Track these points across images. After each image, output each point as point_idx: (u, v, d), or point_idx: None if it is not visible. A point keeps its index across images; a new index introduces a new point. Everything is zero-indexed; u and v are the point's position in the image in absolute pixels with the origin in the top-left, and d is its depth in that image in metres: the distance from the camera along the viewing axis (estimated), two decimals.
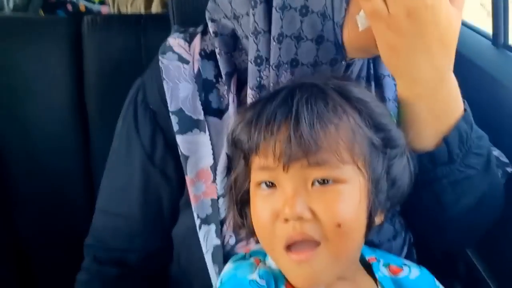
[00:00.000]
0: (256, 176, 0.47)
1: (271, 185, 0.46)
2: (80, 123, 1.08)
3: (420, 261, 0.60)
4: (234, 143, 0.49)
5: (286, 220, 0.43)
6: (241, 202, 0.51)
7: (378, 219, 0.49)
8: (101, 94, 1.08)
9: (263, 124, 0.44)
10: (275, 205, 0.44)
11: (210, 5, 0.60)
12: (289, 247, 0.44)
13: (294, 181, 0.44)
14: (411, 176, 0.50)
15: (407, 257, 0.61)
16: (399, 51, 0.47)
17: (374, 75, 0.60)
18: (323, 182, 0.44)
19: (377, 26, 0.46)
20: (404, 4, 0.44)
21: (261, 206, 0.46)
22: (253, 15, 0.52)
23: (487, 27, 0.92)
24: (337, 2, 0.49)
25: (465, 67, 0.61)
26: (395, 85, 0.59)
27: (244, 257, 0.53)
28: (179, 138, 0.57)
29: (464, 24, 0.94)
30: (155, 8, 1.43)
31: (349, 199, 0.44)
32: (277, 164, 0.44)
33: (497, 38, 0.86)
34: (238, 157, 0.49)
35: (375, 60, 0.60)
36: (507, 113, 0.71)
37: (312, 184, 0.44)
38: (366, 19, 0.47)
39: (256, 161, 0.46)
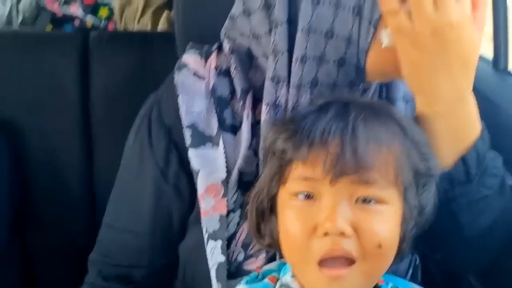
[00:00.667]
0: (295, 185, 0.46)
1: (308, 196, 0.45)
2: (84, 138, 1.09)
3: (421, 283, 0.60)
4: (274, 151, 0.48)
5: (326, 234, 0.43)
6: (263, 212, 0.50)
7: (403, 246, 0.49)
8: (107, 109, 1.09)
9: (317, 134, 0.44)
10: (312, 217, 0.44)
11: (227, 22, 0.61)
12: (320, 263, 0.43)
13: (338, 195, 0.43)
14: (435, 205, 0.50)
15: (412, 279, 0.61)
16: (421, 68, 0.48)
17: (386, 98, 0.61)
18: (366, 200, 0.44)
19: (401, 42, 0.47)
20: (429, 22, 0.45)
21: (295, 218, 0.45)
22: (275, 35, 0.53)
23: (487, 53, 0.94)
24: (364, 27, 0.50)
25: None
26: (406, 109, 0.61)
27: (257, 277, 0.52)
28: (191, 152, 0.57)
29: None
30: (162, 25, 1.45)
31: (391, 221, 0.45)
32: (324, 176, 0.43)
33: (497, 63, 0.88)
34: (271, 166, 0.49)
35: (388, 84, 0.61)
36: (509, 138, 0.72)
37: (355, 201, 0.44)
38: (390, 36, 0.48)
39: (299, 171, 0.45)
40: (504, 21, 0.87)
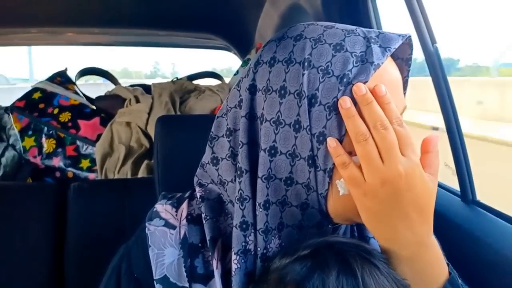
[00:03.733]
0: None
1: None
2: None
3: None
4: None
5: None
6: None
7: None
8: (81, 261, 1.06)
9: None
10: None
11: (199, 171, 0.63)
12: None
13: None
14: None
15: None
16: (377, 216, 0.48)
17: (359, 237, 0.61)
18: None
19: (355, 192, 0.49)
20: (378, 174, 0.46)
21: None
22: (239, 183, 0.54)
23: (453, 184, 0.99)
24: (320, 176, 0.51)
25: (441, 224, 0.63)
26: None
27: None
28: None
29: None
30: (142, 174, 1.48)
31: None
32: None
33: (465, 195, 0.91)
34: None
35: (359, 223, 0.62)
36: (487, 267, 0.72)
37: None
38: (346, 186, 0.49)
39: None
40: (464, 155, 0.93)
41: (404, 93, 0.55)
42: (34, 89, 1.70)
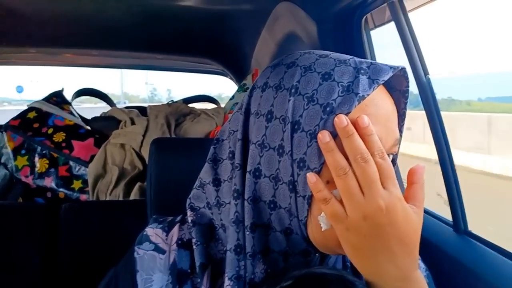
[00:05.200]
0: None
1: None
2: None
3: None
4: None
5: None
6: None
7: None
8: (71, 283, 1.04)
9: None
10: None
11: (194, 191, 0.62)
12: None
13: None
14: None
15: None
16: (361, 251, 0.48)
17: (352, 268, 0.59)
18: None
19: (337, 227, 0.48)
20: (359, 208, 0.46)
21: None
22: (235, 205, 0.54)
23: (445, 214, 0.99)
24: (300, 202, 0.51)
25: (433, 254, 0.63)
26: None
27: None
28: None
29: (427, 212, 1.01)
30: (134, 196, 1.47)
31: None
32: None
33: (457, 225, 0.92)
34: None
35: None
36: None
37: None
38: (328, 220, 0.49)
39: None
40: (456, 185, 0.94)
41: (402, 125, 0.55)
42: (30, 109, 1.71)
